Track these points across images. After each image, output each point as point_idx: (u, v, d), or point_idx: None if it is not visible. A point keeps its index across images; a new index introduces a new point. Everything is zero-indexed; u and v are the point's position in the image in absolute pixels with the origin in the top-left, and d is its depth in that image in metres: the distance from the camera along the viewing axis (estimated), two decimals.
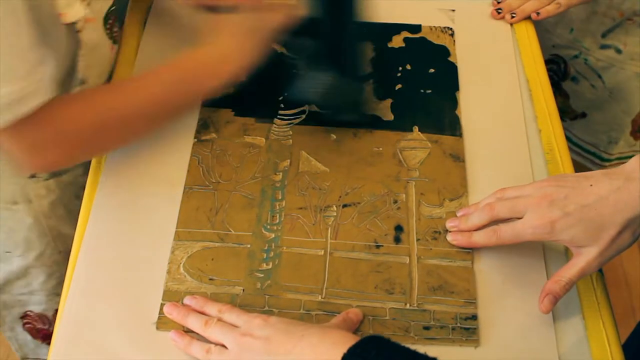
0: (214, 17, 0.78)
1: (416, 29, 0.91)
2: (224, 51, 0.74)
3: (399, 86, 0.85)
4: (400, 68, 0.87)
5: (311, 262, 0.70)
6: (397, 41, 0.90)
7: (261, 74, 0.77)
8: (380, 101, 0.83)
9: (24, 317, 1.01)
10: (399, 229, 0.73)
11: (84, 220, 0.73)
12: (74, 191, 0.90)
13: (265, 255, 0.71)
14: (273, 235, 0.72)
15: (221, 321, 0.64)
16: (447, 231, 0.72)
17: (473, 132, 0.81)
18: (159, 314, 0.67)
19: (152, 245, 0.71)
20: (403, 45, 0.90)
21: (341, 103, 0.79)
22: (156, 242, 0.71)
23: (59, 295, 0.94)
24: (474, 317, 0.67)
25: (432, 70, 0.87)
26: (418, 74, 0.86)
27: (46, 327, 1.02)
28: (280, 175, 0.77)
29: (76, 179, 0.89)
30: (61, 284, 0.96)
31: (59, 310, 0.68)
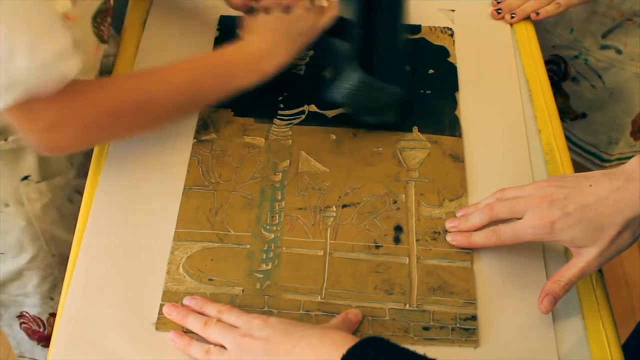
0: (250, 18, 0.79)
1: (416, 29, 0.91)
2: (258, 50, 0.76)
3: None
4: None
5: (311, 263, 0.70)
6: None
7: None
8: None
9: (20, 317, 1.01)
10: (398, 229, 0.73)
11: (83, 220, 0.73)
12: (67, 194, 0.90)
13: (264, 255, 0.71)
14: (272, 236, 0.72)
15: (220, 322, 0.64)
16: (447, 231, 0.72)
17: (473, 133, 0.81)
18: (158, 314, 0.67)
19: (152, 245, 0.71)
20: None
21: (374, 104, 0.78)
22: (155, 243, 0.71)
23: (53, 299, 0.93)
24: (474, 318, 0.67)
25: (432, 71, 0.87)
26: (418, 74, 0.86)
27: (41, 330, 1.02)
28: (280, 176, 0.77)
29: (68, 182, 0.89)
30: (55, 287, 0.96)
31: (58, 310, 0.68)
